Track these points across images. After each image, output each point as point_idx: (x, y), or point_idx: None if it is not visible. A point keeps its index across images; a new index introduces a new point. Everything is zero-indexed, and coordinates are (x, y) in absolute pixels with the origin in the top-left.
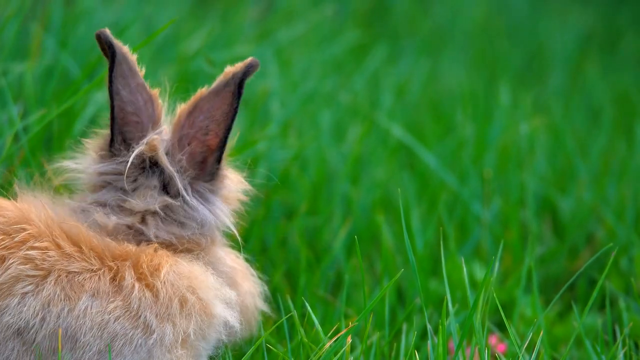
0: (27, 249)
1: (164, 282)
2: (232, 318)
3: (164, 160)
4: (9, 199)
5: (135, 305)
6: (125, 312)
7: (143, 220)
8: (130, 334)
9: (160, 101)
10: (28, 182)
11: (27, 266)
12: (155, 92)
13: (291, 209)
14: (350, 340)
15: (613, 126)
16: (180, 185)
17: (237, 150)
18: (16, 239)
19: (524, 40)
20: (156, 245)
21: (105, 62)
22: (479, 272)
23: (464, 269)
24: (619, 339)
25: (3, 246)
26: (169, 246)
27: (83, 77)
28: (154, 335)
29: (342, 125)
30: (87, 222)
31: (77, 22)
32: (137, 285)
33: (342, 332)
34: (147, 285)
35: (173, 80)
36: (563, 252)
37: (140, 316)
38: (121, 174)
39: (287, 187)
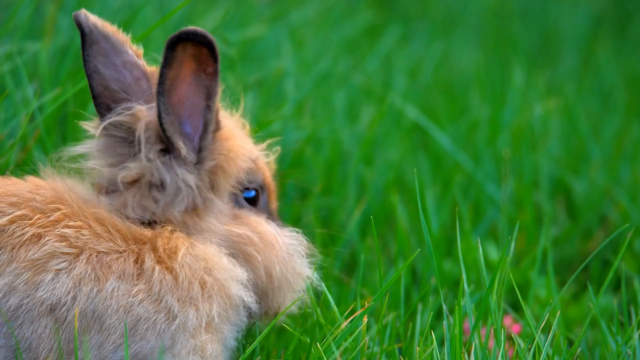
0: (62, 227)
1: (182, 265)
2: (248, 298)
3: (139, 130)
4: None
5: (157, 289)
6: (148, 295)
7: (123, 201)
8: (154, 318)
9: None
10: (44, 163)
11: (62, 244)
12: (151, 69)
13: (305, 190)
14: (366, 321)
15: (625, 108)
16: (143, 154)
17: (252, 130)
18: (51, 218)
19: (536, 22)
20: (171, 227)
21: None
22: (494, 253)
23: (480, 250)
24: (635, 320)
25: (40, 224)
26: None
27: None
28: (177, 321)
29: (356, 106)
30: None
31: (91, 1)
32: (157, 268)
33: (358, 313)
34: (167, 269)
35: None
36: (577, 234)
37: (162, 300)
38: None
39: (302, 168)
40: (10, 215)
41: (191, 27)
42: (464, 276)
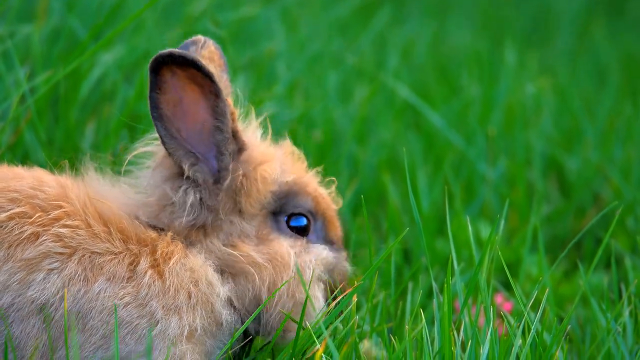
0: (59, 227)
1: (171, 272)
2: (229, 317)
3: (157, 157)
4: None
5: (144, 293)
6: (134, 299)
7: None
8: (136, 322)
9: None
10: (35, 144)
11: (57, 244)
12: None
13: None
14: (356, 299)
15: (619, 87)
16: (150, 178)
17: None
18: (51, 216)
19: (530, 1)
20: (172, 234)
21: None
22: (485, 232)
23: (470, 228)
24: (625, 296)
25: (39, 223)
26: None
27: (89, 39)
28: (158, 327)
29: (349, 86)
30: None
31: None
32: (149, 272)
33: (348, 291)
34: (159, 273)
35: (177, 44)
36: (569, 212)
37: (146, 305)
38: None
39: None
40: (9, 212)
41: (167, 50)
42: (453, 254)
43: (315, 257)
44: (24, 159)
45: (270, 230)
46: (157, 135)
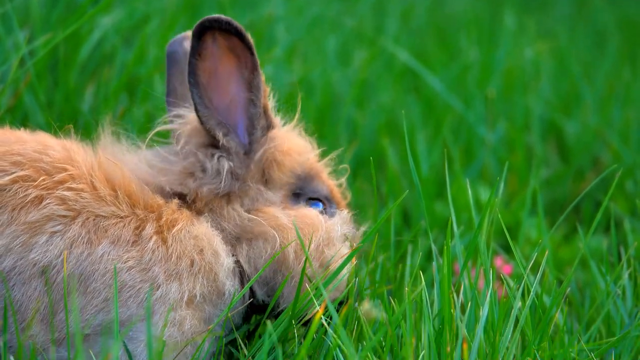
0: (64, 190)
1: (174, 238)
2: (232, 287)
3: (184, 131)
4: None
5: (147, 258)
6: (138, 263)
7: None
8: (139, 287)
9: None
10: (34, 107)
11: (60, 207)
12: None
13: None
14: (356, 262)
15: (618, 51)
16: (181, 145)
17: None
18: (55, 179)
19: None
20: (178, 201)
21: None
22: (484, 195)
23: (469, 191)
24: (624, 259)
25: (43, 186)
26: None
27: (89, 2)
28: (159, 292)
29: (348, 49)
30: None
31: None
32: (154, 237)
33: (347, 254)
34: (163, 239)
35: (177, 8)
36: (568, 175)
37: (149, 269)
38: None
39: (293, 111)
40: (13, 175)
41: (214, 15)
42: (452, 217)
43: (341, 220)
44: (23, 121)
45: (291, 205)
46: (172, 114)
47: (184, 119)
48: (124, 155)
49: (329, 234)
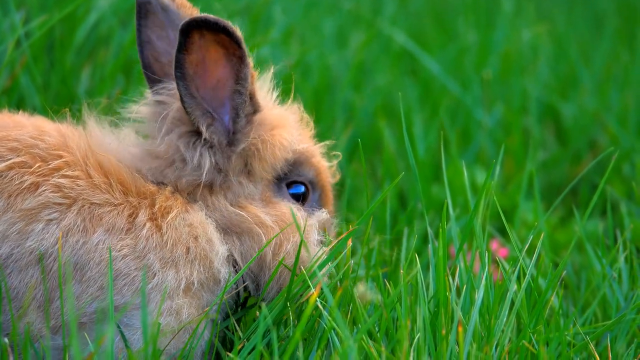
0: (59, 177)
1: (169, 225)
2: (226, 275)
3: (171, 111)
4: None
5: (142, 246)
6: (132, 251)
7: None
8: (134, 275)
9: None
10: (31, 88)
11: (56, 194)
12: None
13: None
14: (351, 244)
15: (616, 34)
16: (164, 132)
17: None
18: (51, 166)
19: None
20: (171, 188)
21: None
22: (481, 177)
23: (465, 174)
24: (620, 242)
25: (39, 173)
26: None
27: None
28: (154, 280)
29: (345, 31)
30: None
31: None
32: (147, 224)
33: (343, 236)
34: (157, 227)
35: None
36: (565, 158)
37: (144, 257)
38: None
39: (290, 93)
40: (9, 161)
41: (202, 15)
42: (448, 200)
43: (317, 220)
44: (19, 102)
45: (272, 194)
46: (155, 99)
47: (167, 105)
48: (111, 142)
49: (307, 236)
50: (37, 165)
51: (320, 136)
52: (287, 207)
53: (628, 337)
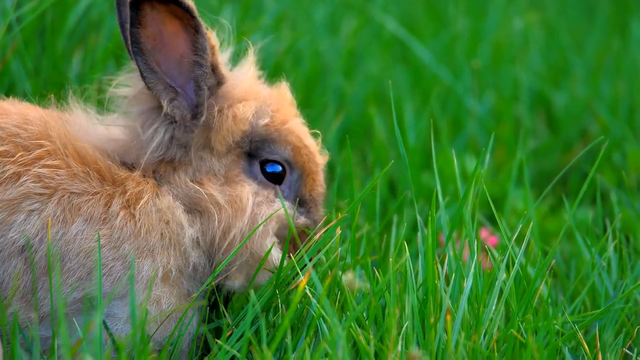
0: (40, 167)
1: (141, 212)
2: (197, 259)
3: (134, 89)
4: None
5: (117, 235)
6: (108, 241)
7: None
8: (111, 265)
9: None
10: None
11: (37, 184)
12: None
13: None
14: (340, 231)
15: (608, 22)
16: (124, 108)
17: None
18: (31, 155)
19: None
20: (142, 172)
21: None
22: (471, 166)
23: (456, 162)
24: (609, 231)
25: (21, 162)
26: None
27: None
28: (131, 270)
29: (336, 18)
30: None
31: None
32: (121, 213)
33: (332, 223)
34: (130, 215)
35: None
36: (556, 147)
37: (120, 247)
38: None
39: (281, 80)
40: None
41: None
42: (438, 188)
43: (273, 211)
44: (10, 87)
45: (240, 171)
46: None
47: (131, 84)
48: (93, 128)
49: (252, 224)
50: (19, 154)
51: (310, 122)
52: (244, 188)
53: (617, 326)
